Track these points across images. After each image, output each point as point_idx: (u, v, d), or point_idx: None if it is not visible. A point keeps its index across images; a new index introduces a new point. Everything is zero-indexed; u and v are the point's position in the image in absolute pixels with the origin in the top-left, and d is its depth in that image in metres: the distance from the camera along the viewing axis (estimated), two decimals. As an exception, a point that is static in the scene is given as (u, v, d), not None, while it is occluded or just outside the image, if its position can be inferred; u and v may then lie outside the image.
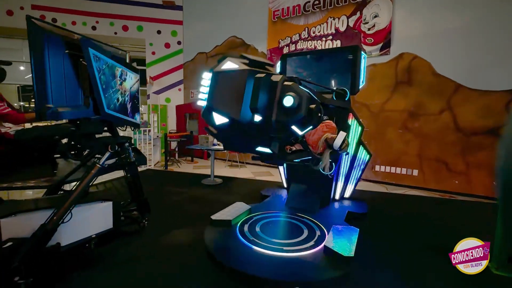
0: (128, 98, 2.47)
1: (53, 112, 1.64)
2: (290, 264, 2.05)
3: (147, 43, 8.43)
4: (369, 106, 5.48)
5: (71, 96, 1.82)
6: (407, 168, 5.17)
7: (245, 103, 1.96)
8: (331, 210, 3.27)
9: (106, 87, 2.04)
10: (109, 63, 2.09)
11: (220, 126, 2.09)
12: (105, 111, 2.00)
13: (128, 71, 2.48)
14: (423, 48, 4.88)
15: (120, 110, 2.29)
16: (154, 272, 2.14)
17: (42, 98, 1.63)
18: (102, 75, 1.98)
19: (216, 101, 2.04)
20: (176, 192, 4.39)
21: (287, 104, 1.91)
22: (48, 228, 1.94)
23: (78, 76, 1.88)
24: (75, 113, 1.84)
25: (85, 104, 1.91)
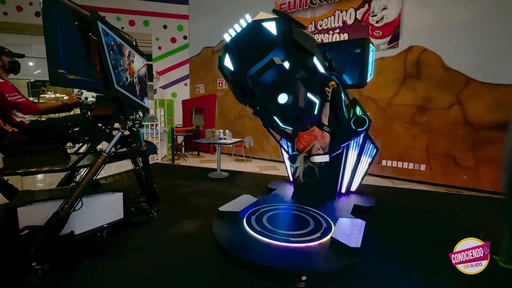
0: (136, 80, 2.52)
1: (65, 78, 1.68)
2: (297, 254, 2.08)
3: (153, 38, 8.45)
4: (377, 101, 5.42)
5: (82, 68, 1.87)
6: (414, 163, 5.12)
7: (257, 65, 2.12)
8: (337, 203, 3.28)
9: (115, 64, 2.10)
10: (117, 41, 2.14)
11: (227, 70, 2.32)
12: (115, 87, 2.04)
13: (136, 54, 2.53)
14: (433, 41, 4.78)
15: (129, 90, 2.33)
16: (163, 261, 2.20)
17: (54, 63, 1.66)
18: (111, 51, 2.03)
19: (236, 47, 2.23)
20: (183, 185, 4.45)
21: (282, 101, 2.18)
22: (61, 216, 2.01)
23: (88, 50, 1.93)
24: (86, 83, 1.89)
25: (95, 77, 1.95)
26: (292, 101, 2.26)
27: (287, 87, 2.25)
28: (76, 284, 1.89)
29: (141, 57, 2.71)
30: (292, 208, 3.04)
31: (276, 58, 2.14)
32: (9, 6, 7.56)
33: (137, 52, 2.59)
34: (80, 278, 1.95)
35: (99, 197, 2.59)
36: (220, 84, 8.11)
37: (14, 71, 2.28)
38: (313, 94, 2.43)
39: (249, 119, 7.54)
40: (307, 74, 2.30)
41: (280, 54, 2.17)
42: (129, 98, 2.36)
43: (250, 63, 2.19)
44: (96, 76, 2.05)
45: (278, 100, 2.24)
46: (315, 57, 2.52)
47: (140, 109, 2.72)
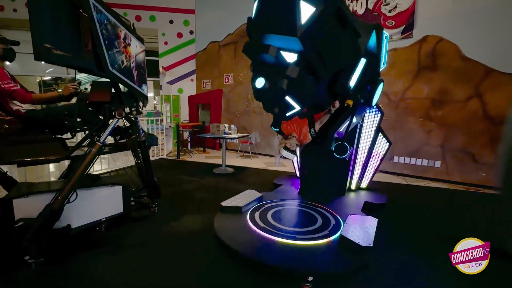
0: (133, 65, 2.40)
1: (51, 53, 1.54)
2: (303, 253, 1.93)
3: (160, 33, 8.40)
4: (388, 94, 5.18)
5: (72, 46, 1.73)
6: (429, 160, 4.87)
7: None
8: (346, 200, 3.10)
9: (109, 45, 1.97)
10: (111, 20, 2.01)
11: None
12: (109, 68, 1.92)
13: (133, 37, 2.41)
14: (450, 30, 4.50)
15: (126, 74, 2.21)
16: (163, 257, 2.08)
17: (39, 36, 1.52)
18: (104, 30, 1.91)
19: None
20: (187, 181, 4.36)
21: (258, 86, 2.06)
22: (54, 208, 1.92)
23: (79, 28, 1.79)
24: (76, 61, 1.74)
25: (86, 56, 1.81)
26: (266, 91, 2.11)
27: (268, 76, 2.10)
28: (72, 278, 1.80)
29: (139, 42, 2.60)
30: (299, 204, 2.88)
31: (273, 48, 1.98)
32: (18, 3, 7.64)
33: (134, 36, 2.48)
34: (76, 272, 1.86)
35: (98, 190, 2.50)
36: (226, 79, 7.99)
37: (9, 58, 2.21)
38: (296, 99, 2.24)
39: (255, 115, 7.39)
40: (306, 80, 2.13)
41: (295, 43, 1.98)
42: (125, 82, 2.24)
43: (264, 26, 1.99)
44: (88, 56, 1.92)
45: (255, 82, 2.08)
46: (362, 61, 2.34)
47: (139, 97, 2.60)
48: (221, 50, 7.99)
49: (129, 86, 2.34)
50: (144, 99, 2.74)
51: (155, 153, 6.46)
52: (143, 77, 2.71)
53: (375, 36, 2.48)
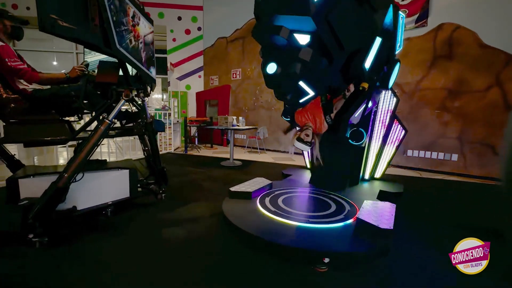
0: (142, 46, 2.34)
1: (57, 24, 1.48)
2: (318, 235, 1.81)
3: (168, 30, 8.42)
4: (402, 86, 5.00)
5: (78, 19, 1.66)
6: (445, 153, 4.66)
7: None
8: (360, 188, 2.96)
9: (117, 22, 1.90)
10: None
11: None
12: (116, 46, 1.85)
13: (141, 17, 2.35)
14: (467, 17, 4.31)
15: (133, 54, 2.15)
16: (169, 241, 2.00)
17: (44, 5, 1.45)
18: (113, 6, 1.84)
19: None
20: (195, 172, 4.29)
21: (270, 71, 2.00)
22: (60, 186, 1.86)
23: (87, 1, 1.73)
24: (82, 35, 1.67)
25: (93, 31, 1.75)
26: (278, 76, 2.01)
27: (280, 61, 2.00)
28: (74, 259, 1.73)
29: (148, 22, 2.54)
30: (310, 192, 2.76)
31: (285, 29, 1.89)
32: (31, 1, 7.79)
33: (143, 16, 2.42)
34: (79, 253, 1.79)
35: (104, 173, 2.45)
36: (234, 75, 7.93)
37: (17, 37, 2.18)
38: (309, 84, 2.13)
39: (263, 110, 7.30)
40: (320, 61, 2.02)
41: (308, 24, 1.89)
42: (133, 62, 2.18)
43: (274, 7, 1.92)
44: (94, 29, 1.86)
45: (267, 68, 1.99)
46: (378, 40, 2.24)
47: (147, 80, 2.54)
48: (229, 46, 7.95)
49: (137, 67, 2.28)
50: (152, 82, 2.68)
51: (163, 148, 6.44)
52: (151, 59, 2.65)
53: (391, 12, 2.35)
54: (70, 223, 2.20)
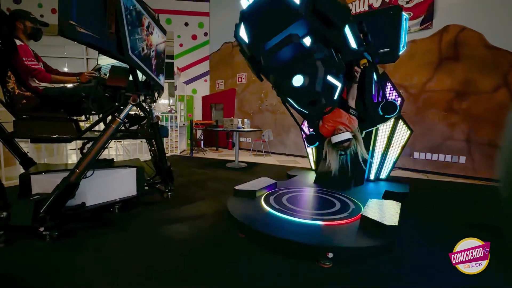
0: (153, 54, 2.41)
1: (74, 30, 1.57)
2: (322, 231, 1.81)
3: (175, 35, 8.61)
4: (407, 87, 4.99)
5: (96, 26, 1.75)
6: (453, 155, 4.59)
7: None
8: (365, 188, 2.95)
9: (132, 31, 1.98)
10: (137, 7, 2.04)
11: (241, 41, 2.09)
12: (129, 53, 1.93)
13: (156, 27, 2.43)
14: (472, 18, 4.30)
15: (145, 61, 2.22)
16: (174, 236, 2.02)
17: (65, 13, 1.55)
18: (129, 15, 1.93)
19: (250, 18, 2.01)
20: (200, 173, 4.33)
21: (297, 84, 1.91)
22: (71, 181, 1.91)
23: (105, 10, 1.82)
24: (98, 40, 1.76)
25: (109, 38, 1.83)
26: (308, 84, 2.00)
27: (305, 68, 2.00)
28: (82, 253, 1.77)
29: (161, 33, 2.63)
30: (315, 191, 2.76)
31: (294, 34, 1.91)
32: (45, 9, 8.11)
33: (157, 26, 2.51)
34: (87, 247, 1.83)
35: (113, 171, 2.51)
36: (239, 79, 8.03)
37: (35, 37, 2.28)
38: (335, 76, 2.14)
39: (269, 114, 7.35)
40: (330, 52, 2.04)
41: (301, 27, 1.92)
42: (143, 69, 2.26)
43: (267, 36, 1.96)
44: (110, 36, 1.95)
45: (293, 82, 1.96)
46: (348, 29, 2.25)
47: (155, 86, 2.62)
48: (234, 50, 8.06)
49: (147, 74, 2.34)
50: (159, 89, 2.75)
51: (169, 150, 6.52)
52: (161, 67, 2.73)
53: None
54: (79, 218, 2.25)
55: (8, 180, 3.20)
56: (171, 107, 6.85)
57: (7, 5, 7.98)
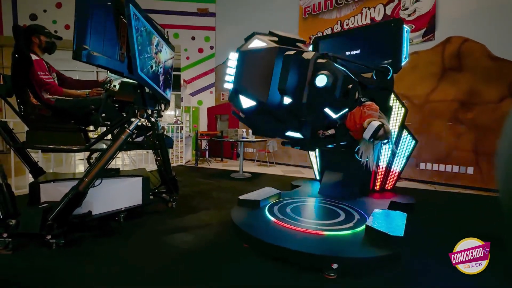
0: (161, 70, 2.50)
1: (88, 54, 1.67)
2: (326, 241, 1.80)
3: (182, 49, 8.87)
4: (411, 98, 5.00)
5: (108, 49, 1.86)
6: (460, 166, 4.53)
7: (273, 84, 1.79)
8: (370, 199, 2.91)
9: (142, 50, 2.08)
10: (147, 28, 2.15)
11: (248, 110, 1.94)
12: (138, 72, 2.01)
13: (164, 45, 2.53)
14: (475, 30, 4.35)
15: (153, 78, 2.31)
16: (179, 246, 2.02)
17: (80, 39, 1.65)
18: (139, 36, 2.03)
19: (243, 83, 1.91)
20: (205, 183, 4.35)
21: (320, 84, 1.71)
22: (79, 191, 1.96)
23: (117, 32, 1.93)
24: (110, 63, 1.86)
25: (120, 59, 1.93)
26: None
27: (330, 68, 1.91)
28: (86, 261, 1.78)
29: (170, 49, 2.73)
30: (319, 201, 2.75)
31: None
32: (59, 25, 8.50)
33: (166, 43, 2.62)
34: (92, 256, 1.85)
35: (118, 180, 2.55)
36: (244, 90, 8.15)
37: (49, 51, 2.40)
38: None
39: (273, 124, 7.39)
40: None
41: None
42: (151, 85, 2.34)
43: (267, 82, 1.82)
44: (121, 59, 2.06)
45: (316, 83, 1.75)
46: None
47: (161, 100, 2.70)
48: (240, 63, 8.25)
49: (154, 90, 2.43)
50: (166, 103, 2.83)
51: (174, 161, 6.58)
52: (168, 82, 2.81)
53: None
54: (85, 227, 2.28)
55: (18, 189, 3.28)
56: (177, 118, 6.96)
57: (24, 21, 8.41)
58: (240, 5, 8.22)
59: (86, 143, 2.35)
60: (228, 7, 8.57)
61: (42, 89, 2.22)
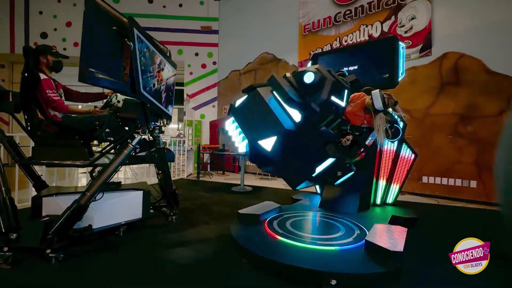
0: (163, 87, 2.59)
1: (93, 76, 1.75)
2: (325, 256, 1.78)
3: (186, 64, 9.12)
4: (411, 111, 5.02)
5: (112, 70, 1.95)
6: (463, 179, 4.49)
7: (278, 114, 1.81)
8: (371, 213, 2.89)
9: (145, 70, 2.17)
10: (150, 48, 2.25)
11: (274, 150, 1.82)
12: (140, 91, 2.09)
13: (167, 63, 2.63)
14: (470, 45, 4.45)
15: (155, 95, 2.39)
16: (177, 261, 2.02)
17: (86, 62, 1.75)
18: (143, 57, 2.12)
19: (254, 132, 1.88)
20: (205, 196, 4.35)
21: (308, 81, 1.82)
22: (81, 204, 1.98)
23: (121, 54, 2.02)
24: (113, 84, 1.95)
25: (124, 80, 2.02)
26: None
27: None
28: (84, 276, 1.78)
29: (172, 67, 2.84)
30: (319, 215, 2.73)
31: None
32: (68, 43, 8.83)
33: (168, 62, 2.72)
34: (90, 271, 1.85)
35: (119, 194, 2.58)
36: (246, 104, 8.28)
37: (56, 69, 2.50)
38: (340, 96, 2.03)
39: (274, 137, 7.44)
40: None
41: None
42: (152, 103, 2.42)
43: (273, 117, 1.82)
44: (125, 79, 2.16)
45: (305, 80, 1.85)
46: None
47: (163, 116, 2.78)
48: (242, 77, 8.43)
49: (156, 107, 2.51)
50: (168, 118, 2.91)
51: (176, 174, 6.60)
52: (170, 98, 2.90)
53: None
54: (85, 241, 2.28)
55: (21, 202, 3.31)
56: (179, 132, 7.05)
57: (35, 40, 8.77)
58: (242, 22, 8.51)
59: (90, 158, 2.41)
60: (231, 25, 8.87)
61: (49, 106, 2.30)
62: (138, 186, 2.85)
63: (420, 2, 4.96)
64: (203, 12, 9.14)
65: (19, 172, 3.27)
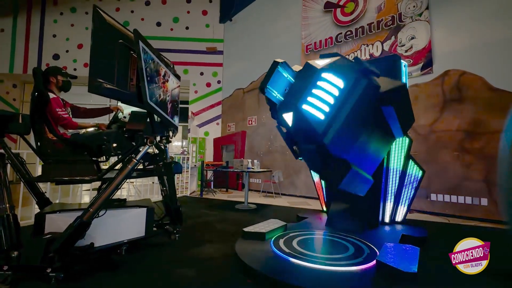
0: (169, 98, 2.63)
1: (102, 87, 1.79)
2: (335, 278, 1.70)
3: (191, 83, 9.36)
4: (415, 128, 5.03)
5: (120, 81, 2.01)
6: (472, 197, 4.37)
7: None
8: (381, 231, 2.80)
9: (150, 80, 2.23)
10: (155, 60, 2.32)
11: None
12: (147, 101, 2.13)
13: (171, 75, 2.71)
14: (471, 63, 4.52)
15: (161, 106, 2.43)
16: (181, 280, 1.95)
17: (95, 73, 1.81)
18: (148, 68, 2.18)
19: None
20: (209, 214, 4.27)
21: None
22: (84, 221, 1.95)
23: (128, 65, 2.09)
24: (121, 94, 1.99)
25: (131, 90, 2.06)
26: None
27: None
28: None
29: (176, 79, 2.92)
30: (327, 234, 2.65)
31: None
32: (78, 63, 9.19)
33: (172, 74, 2.81)
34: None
35: (122, 211, 2.54)
36: (250, 121, 8.37)
37: (65, 89, 2.58)
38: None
39: (278, 154, 7.43)
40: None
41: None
42: (159, 113, 2.47)
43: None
44: (131, 89, 2.22)
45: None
46: None
47: (169, 127, 2.81)
48: (246, 96, 8.59)
49: (162, 117, 2.56)
50: (174, 129, 2.95)
51: (179, 191, 6.54)
52: (176, 109, 2.97)
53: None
54: (86, 259, 2.22)
55: (24, 219, 3.28)
56: (183, 149, 7.09)
57: (47, 61, 9.15)
58: (246, 43, 8.82)
59: (98, 173, 2.42)
60: (235, 46, 9.19)
61: (58, 123, 2.35)
62: (142, 203, 2.82)
63: (419, 22, 5.12)
64: (209, 34, 9.53)
65: (23, 189, 3.27)
